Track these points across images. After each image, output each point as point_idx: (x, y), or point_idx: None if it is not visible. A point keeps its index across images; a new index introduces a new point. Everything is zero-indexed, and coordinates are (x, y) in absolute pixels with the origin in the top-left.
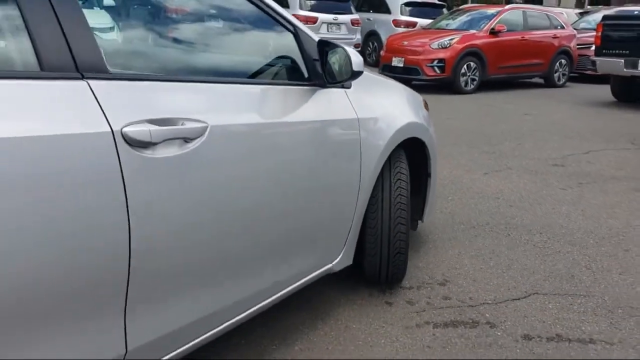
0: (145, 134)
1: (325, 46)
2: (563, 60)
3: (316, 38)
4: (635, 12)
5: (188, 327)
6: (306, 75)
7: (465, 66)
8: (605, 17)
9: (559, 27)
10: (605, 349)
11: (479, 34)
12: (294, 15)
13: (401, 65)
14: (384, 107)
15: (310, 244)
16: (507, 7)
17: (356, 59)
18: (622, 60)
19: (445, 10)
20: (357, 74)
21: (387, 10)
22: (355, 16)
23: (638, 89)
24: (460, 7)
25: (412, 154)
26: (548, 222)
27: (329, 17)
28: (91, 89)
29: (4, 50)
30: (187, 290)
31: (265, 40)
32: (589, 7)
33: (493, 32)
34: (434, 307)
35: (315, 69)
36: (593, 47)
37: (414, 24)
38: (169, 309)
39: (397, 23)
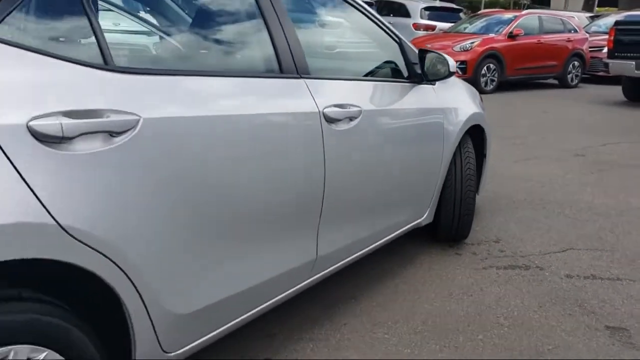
0: (337, 113)
1: (424, 53)
2: (576, 62)
3: (415, 48)
4: None
5: (349, 245)
6: (405, 74)
7: (485, 68)
8: (617, 22)
9: (572, 31)
10: (629, 284)
11: (498, 38)
12: (414, 24)
13: None
14: (457, 100)
15: (410, 203)
16: (524, 12)
17: (452, 62)
18: (634, 63)
19: (462, 15)
20: (452, 74)
21: (407, 14)
22: None
23: None
24: (478, 12)
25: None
26: (575, 199)
27: (445, 25)
28: (306, 84)
29: (269, 61)
30: (349, 222)
31: (378, 49)
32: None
33: (511, 36)
34: (494, 256)
35: (414, 70)
36: (604, 50)
37: (433, 28)
38: (341, 231)
39: (417, 26)
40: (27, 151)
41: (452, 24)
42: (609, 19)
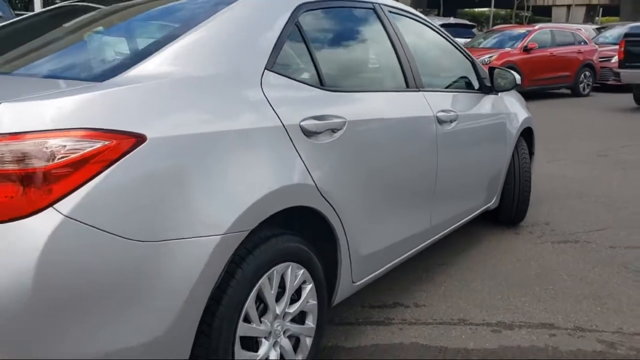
0: (444, 117)
1: (493, 69)
2: (587, 72)
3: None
4: None
5: (448, 220)
6: (476, 87)
7: None
8: (627, 35)
9: (582, 43)
10: None
11: (514, 51)
12: None
13: None
14: (514, 107)
15: (486, 190)
16: (537, 27)
17: (517, 77)
18: None
19: (475, 31)
20: (517, 85)
21: None
22: None
23: None
24: (493, 28)
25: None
26: (606, 192)
27: (461, 40)
28: (423, 95)
29: (400, 79)
30: (449, 201)
31: (457, 66)
32: (600, 19)
33: (526, 50)
34: (547, 234)
35: (484, 83)
36: (613, 60)
37: None
38: (444, 208)
39: None
40: (300, 140)
41: (467, 39)
42: (615, 31)
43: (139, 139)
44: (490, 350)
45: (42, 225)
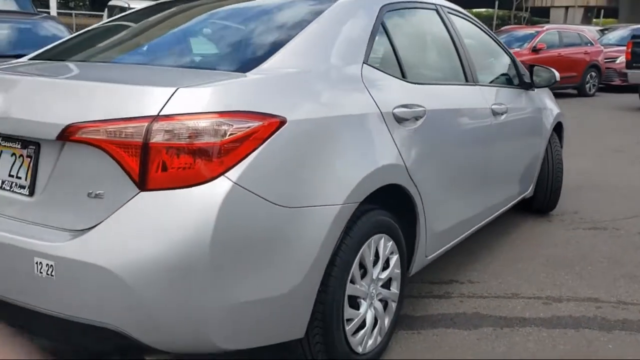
0: (498, 109)
1: (533, 67)
2: (593, 73)
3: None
4: None
5: (499, 203)
6: (516, 83)
7: None
8: (634, 36)
9: (588, 44)
10: None
11: (523, 52)
12: None
13: None
14: (548, 102)
15: (525, 179)
16: (545, 27)
17: (557, 74)
18: None
19: None
20: (555, 83)
21: None
22: None
23: None
24: (501, 29)
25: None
26: (626, 183)
27: None
28: (480, 89)
29: (461, 74)
30: (498, 186)
31: (500, 63)
32: (599, 20)
33: (535, 50)
34: (577, 222)
35: (524, 79)
36: (617, 61)
37: None
38: (495, 191)
39: None
40: (393, 125)
41: None
42: (618, 32)
43: (282, 121)
44: (545, 320)
45: (217, 190)
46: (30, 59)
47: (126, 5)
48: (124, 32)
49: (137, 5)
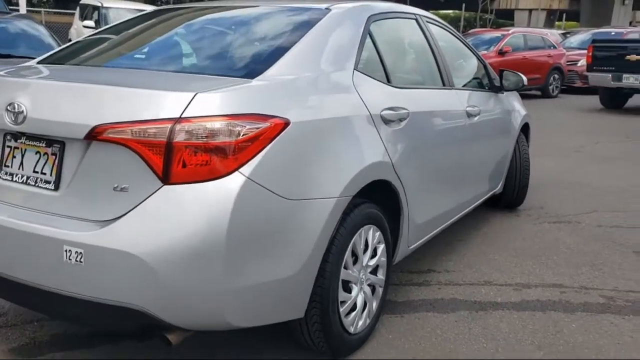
0: (472, 111)
1: (502, 71)
2: (556, 75)
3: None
4: (612, 34)
5: (472, 198)
6: (487, 86)
7: None
8: (594, 41)
9: (551, 47)
10: None
11: (489, 54)
12: None
13: None
14: (516, 105)
15: (496, 176)
16: (511, 31)
17: (524, 78)
18: (610, 75)
19: None
20: (523, 87)
21: None
22: None
23: (621, 98)
24: (468, 31)
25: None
26: (588, 181)
27: None
28: (455, 92)
29: (438, 79)
30: (472, 183)
31: (471, 68)
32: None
33: (501, 53)
34: (542, 216)
35: (494, 83)
36: (579, 64)
37: None
38: (469, 187)
39: None
40: (381, 126)
41: None
42: (579, 36)
43: (286, 122)
44: (516, 304)
45: (233, 184)
46: (38, 62)
47: (99, 5)
48: (134, 38)
49: (111, 5)
